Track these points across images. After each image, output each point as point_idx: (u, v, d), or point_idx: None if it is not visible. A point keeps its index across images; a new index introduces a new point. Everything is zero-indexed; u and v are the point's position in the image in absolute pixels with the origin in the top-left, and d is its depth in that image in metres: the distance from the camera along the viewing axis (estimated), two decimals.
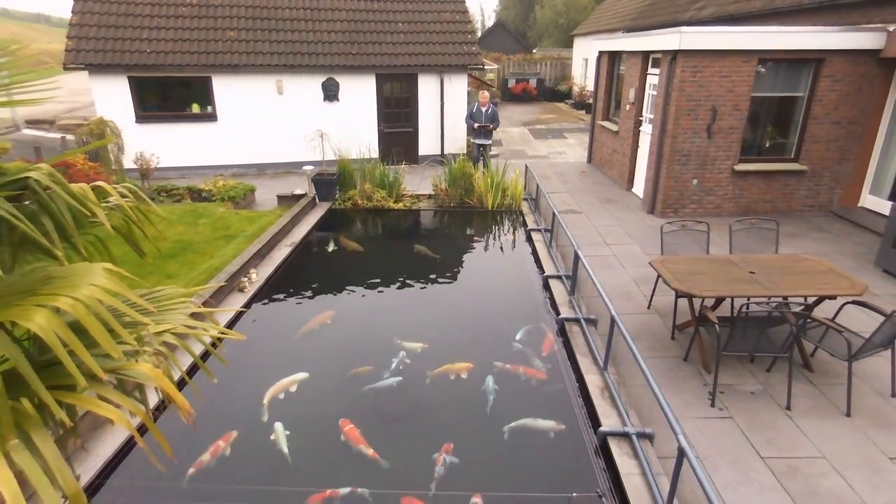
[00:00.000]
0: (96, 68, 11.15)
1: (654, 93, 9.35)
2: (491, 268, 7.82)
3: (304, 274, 7.36)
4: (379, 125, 13.00)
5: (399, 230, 9.18)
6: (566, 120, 21.89)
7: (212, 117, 12.12)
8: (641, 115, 10.22)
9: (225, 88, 11.99)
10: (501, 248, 8.55)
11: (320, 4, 13.00)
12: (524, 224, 8.89)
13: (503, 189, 9.57)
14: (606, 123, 12.18)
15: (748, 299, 4.77)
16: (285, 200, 9.28)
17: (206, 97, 12.07)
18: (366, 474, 3.75)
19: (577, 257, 5.64)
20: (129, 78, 11.46)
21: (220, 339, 2.21)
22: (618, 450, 3.58)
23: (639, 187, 10.30)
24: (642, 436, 3.64)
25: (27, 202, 1.95)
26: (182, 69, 11.57)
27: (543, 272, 6.64)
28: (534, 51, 40.20)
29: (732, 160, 8.83)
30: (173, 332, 1.88)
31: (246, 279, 6.16)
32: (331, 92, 12.46)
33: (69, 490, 1.38)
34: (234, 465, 3.88)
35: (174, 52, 11.52)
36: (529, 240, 8.05)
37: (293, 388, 4.65)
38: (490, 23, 60.32)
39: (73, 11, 11.64)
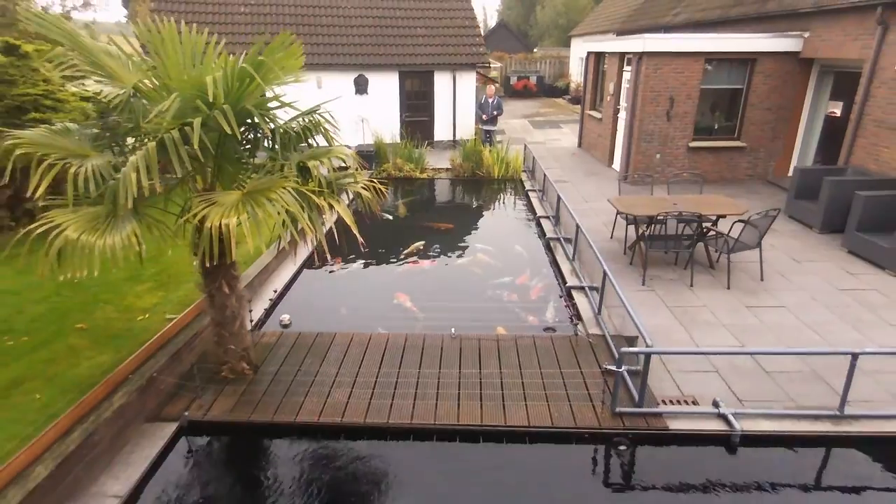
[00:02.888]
0: None
1: (628, 86, 11.71)
2: (500, 213, 10.32)
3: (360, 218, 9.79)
4: (401, 114, 15.36)
5: (424, 191, 11.64)
6: (563, 113, 24.22)
7: None
8: (619, 105, 12.57)
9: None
10: (506, 202, 11.03)
11: (351, 13, 15.37)
12: (523, 187, 11.30)
13: (507, 163, 11.97)
14: (593, 112, 14.55)
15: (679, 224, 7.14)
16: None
17: None
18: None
19: (559, 199, 8.04)
20: None
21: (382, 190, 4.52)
22: (576, 294, 5.97)
23: (617, 163, 12.65)
24: (591, 288, 6.02)
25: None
26: None
27: (536, 214, 9.05)
28: (534, 50, 42.40)
29: (687, 139, 11.19)
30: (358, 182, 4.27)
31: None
32: (361, 87, 14.83)
33: (354, 226, 3.76)
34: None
35: (232, 53, 13.88)
36: (527, 197, 10.47)
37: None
38: (493, 22, 62.51)
39: (150, 21, 14.03)
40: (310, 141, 4.30)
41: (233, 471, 3.93)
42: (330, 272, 7.37)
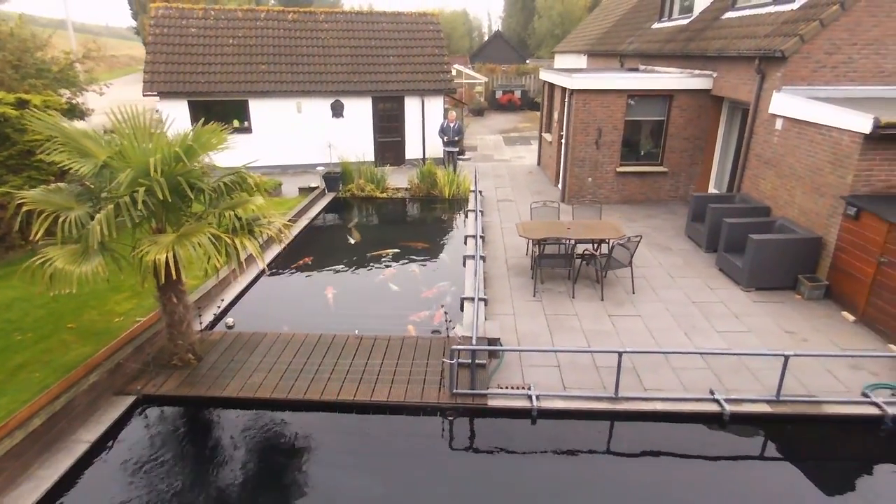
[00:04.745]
0: (165, 94, 15.19)
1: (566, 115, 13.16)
2: (440, 230, 11.81)
3: (318, 234, 11.35)
4: (375, 135, 16.93)
5: (382, 210, 13.21)
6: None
7: (248, 130, 16.11)
8: (563, 131, 14.02)
9: (258, 108, 15.99)
10: (450, 220, 12.56)
11: (329, 43, 16.96)
12: (468, 206, 12.80)
13: (458, 184, 13.48)
14: (546, 135, 16.03)
15: (575, 242, 8.60)
16: (304, 191, 13.25)
17: (243, 114, 16.06)
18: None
19: (479, 228, 9.52)
20: (188, 101, 15.49)
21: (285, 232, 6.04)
22: (467, 303, 7.45)
23: (562, 183, 14.10)
24: (480, 299, 7.49)
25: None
26: (226, 94, 15.58)
27: (466, 233, 10.55)
28: (527, 61, 43.84)
29: (615, 164, 12.62)
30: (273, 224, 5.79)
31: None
32: (337, 110, 16.41)
33: (260, 257, 5.30)
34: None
35: (221, 81, 15.54)
36: (467, 216, 11.96)
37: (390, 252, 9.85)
38: (496, 27, 64.32)
39: (147, 52, 15.72)
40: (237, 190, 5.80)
41: (173, 429, 5.47)
42: (279, 280, 8.96)
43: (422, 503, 4.60)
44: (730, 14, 11.90)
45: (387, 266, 9.57)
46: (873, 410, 5.34)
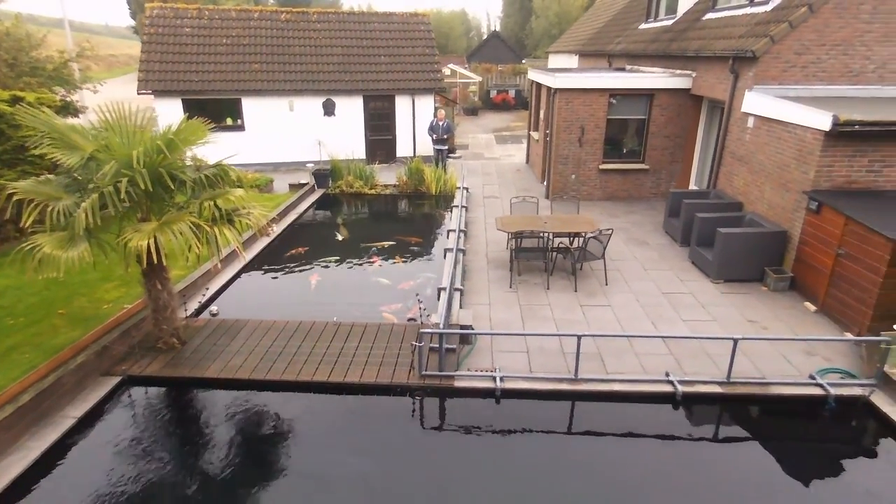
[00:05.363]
0: (160, 93, 15.49)
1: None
2: (425, 225, 12.13)
3: (307, 228, 11.66)
4: (366, 134, 17.23)
5: (369, 205, 13.52)
6: None
7: (241, 128, 16.41)
8: (548, 129, 14.32)
9: (251, 106, 16.28)
10: (435, 215, 12.89)
11: (321, 43, 17.26)
12: (453, 202, 13.11)
13: (444, 181, 13.78)
14: (533, 133, 16.33)
15: (550, 235, 8.89)
16: (294, 187, 13.56)
17: (237, 113, 16.36)
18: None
19: (461, 223, 9.81)
20: (182, 99, 15.78)
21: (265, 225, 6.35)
22: (443, 293, 7.75)
23: (546, 180, 14.40)
24: (456, 289, 7.79)
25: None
26: (220, 93, 15.88)
27: (449, 228, 10.85)
28: (523, 61, 44.17)
29: (598, 162, 12.92)
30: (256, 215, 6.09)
31: (269, 227, 10.36)
32: (329, 109, 16.71)
33: (240, 246, 5.60)
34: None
35: (214, 80, 15.83)
36: (451, 211, 12.27)
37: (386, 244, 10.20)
38: (495, 27, 64.77)
39: (141, 51, 16.02)
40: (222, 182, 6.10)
41: (156, 407, 5.79)
42: (265, 272, 9.27)
43: (389, 474, 4.90)
44: (710, 15, 12.20)
45: (373, 259, 9.86)
46: (818, 391, 5.65)
